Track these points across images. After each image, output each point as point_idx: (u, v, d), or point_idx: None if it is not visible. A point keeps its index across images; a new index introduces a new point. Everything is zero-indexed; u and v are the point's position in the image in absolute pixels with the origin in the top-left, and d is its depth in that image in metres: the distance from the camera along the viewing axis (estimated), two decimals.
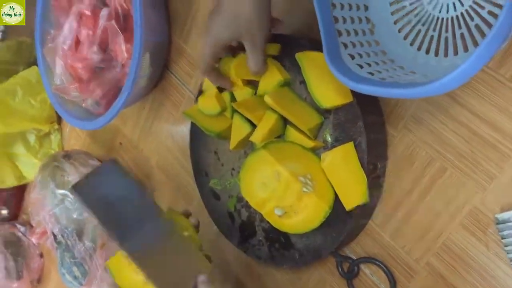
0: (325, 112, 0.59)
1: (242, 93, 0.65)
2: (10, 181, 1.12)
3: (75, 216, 0.92)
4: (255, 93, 0.64)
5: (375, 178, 0.56)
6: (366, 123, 0.54)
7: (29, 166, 1.12)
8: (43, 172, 0.98)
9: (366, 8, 0.55)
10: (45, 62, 0.89)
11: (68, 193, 0.93)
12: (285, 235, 0.63)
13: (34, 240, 1.22)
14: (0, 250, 1.15)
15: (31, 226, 1.13)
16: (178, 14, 0.81)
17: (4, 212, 1.25)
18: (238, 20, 0.53)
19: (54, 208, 0.93)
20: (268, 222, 0.62)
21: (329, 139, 0.58)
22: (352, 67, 0.48)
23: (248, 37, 0.55)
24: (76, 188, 0.55)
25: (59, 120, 1.13)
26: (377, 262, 0.58)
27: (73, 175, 0.94)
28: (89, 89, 0.82)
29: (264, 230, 0.66)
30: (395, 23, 0.54)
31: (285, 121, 0.61)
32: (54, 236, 0.96)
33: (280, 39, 0.60)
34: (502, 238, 0.49)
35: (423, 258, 0.55)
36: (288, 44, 0.60)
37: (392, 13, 0.54)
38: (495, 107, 0.49)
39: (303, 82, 0.59)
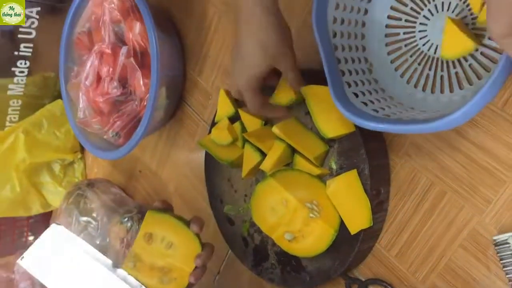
0: (330, 141, 0.62)
1: (252, 124, 0.69)
2: (36, 209, 1.16)
3: (98, 242, 0.96)
4: (264, 124, 0.68)
5: (379, 203, 0.59)
6: (368, 151, 0.57)
7: (54, 194, 1.16)
8: (67, 200, 1.02)
9: (364, 48, 0.57)
10: (69, 97, 0.94)
11: (91, 220, 0.98)
12: (296, 258, 0.66)
13: None
14: (27, 276, 1.20)
15: None
16: (192, 49, 0.86)
17: (31, 238, 1.30)
18: (266, 47, 0.54)
19: (78, 234, 0.97)
20: (279, 246, 0.65)
21: (334, 166, 0.61)
22: (358, 105, 0.51)
23: (281, 58, 0.55)
24: (24, 261, 0.59)
25: (82, 149, 1.18)
26: (384, 284, 0.61)
27: (95, 203, 0.98)
28: (110, 122, 0.87)
29: (276, 254, 0.69)
30: (391, 62, 0.57)
31: (293, 150, 0.64)
32: None
33: None
34: (501, 259, 0.51)
35: (428, 279, 0.57)
36: None
37: (388, 53, 0.57)
38: (489, 135, 0.52)
39: (308, 113, 0.63)
